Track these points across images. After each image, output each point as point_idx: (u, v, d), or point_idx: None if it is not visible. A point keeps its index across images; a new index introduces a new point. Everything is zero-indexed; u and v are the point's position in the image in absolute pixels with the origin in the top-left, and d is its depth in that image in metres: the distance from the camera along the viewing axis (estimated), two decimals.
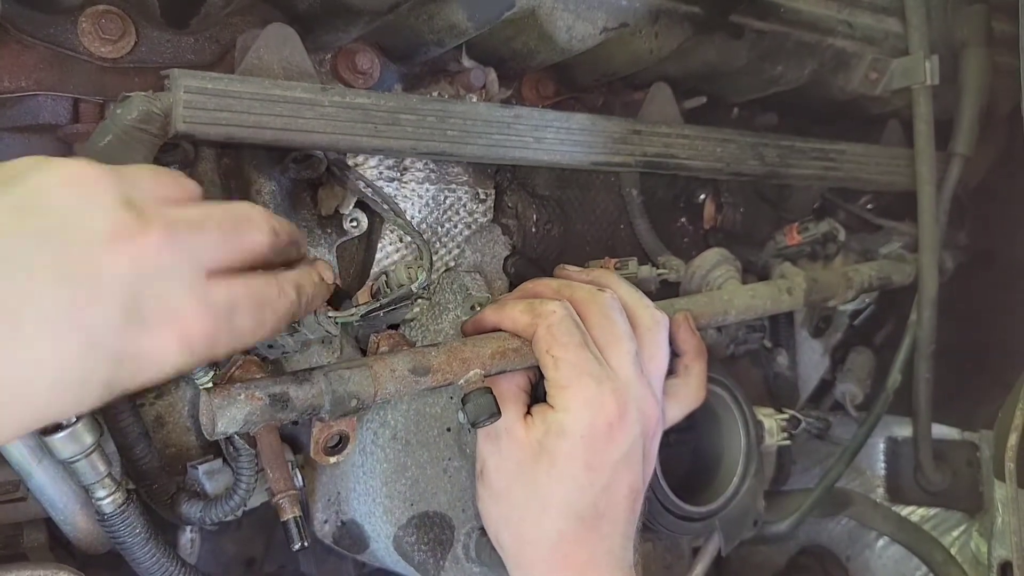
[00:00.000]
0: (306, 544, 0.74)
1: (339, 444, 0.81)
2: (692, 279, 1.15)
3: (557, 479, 0.83)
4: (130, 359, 0.53)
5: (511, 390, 0.88)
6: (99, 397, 0.53)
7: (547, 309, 0.85)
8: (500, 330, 0.88)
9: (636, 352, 0.87)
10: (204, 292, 0.55)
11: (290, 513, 0.74)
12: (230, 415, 0.67)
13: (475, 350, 0.82)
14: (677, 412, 0.96)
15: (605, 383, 0.83)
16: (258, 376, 0.71)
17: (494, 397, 0.80)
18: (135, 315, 0.52)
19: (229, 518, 0.78)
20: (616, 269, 1.04)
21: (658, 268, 1.09)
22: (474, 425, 0.80)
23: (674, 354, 0.99)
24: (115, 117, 0.70)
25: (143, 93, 0.72)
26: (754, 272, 1.27)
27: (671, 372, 0.97)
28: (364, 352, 0.81)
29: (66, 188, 0.52)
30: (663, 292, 1.04)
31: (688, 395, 0.97)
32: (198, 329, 0.55)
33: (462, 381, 0.80)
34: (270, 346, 0.78)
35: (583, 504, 0.83)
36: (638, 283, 1.04)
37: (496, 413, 0.80)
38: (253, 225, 0.61)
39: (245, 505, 0.79)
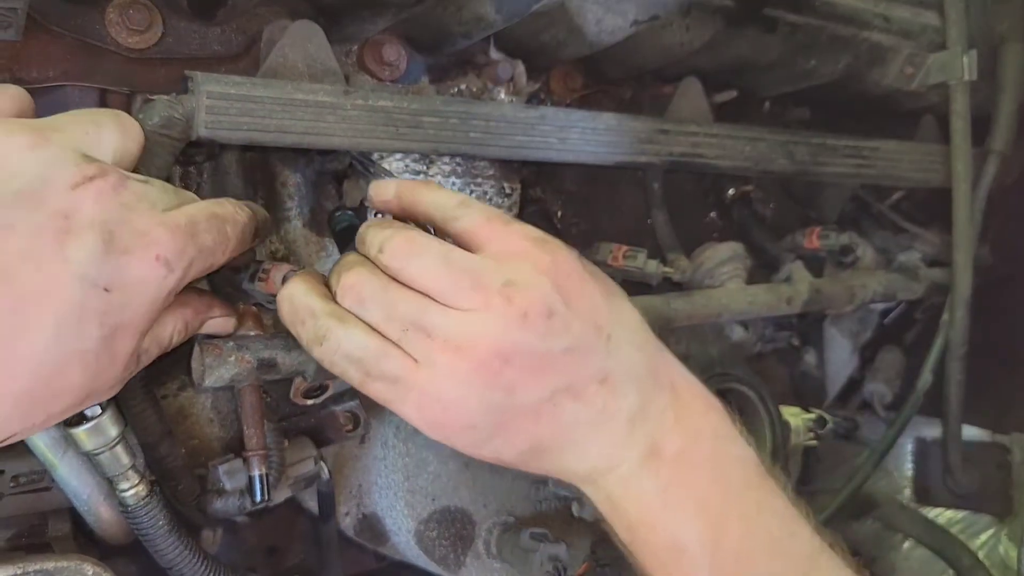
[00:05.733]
0: (267, 499, 0.78)
1: (319, 392, 0.86)
2: (699, 268, 1.14)
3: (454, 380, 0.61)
4: (118, 287, 0.57)
5: None
6: (102, 340, 0.57)
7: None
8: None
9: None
10: (165, 216, 0.61)
11: (256, 470, 0.79)
12: (218, 374, 0.73)
13: None
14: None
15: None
16: (252, 333, 0.77)
17: None
18: (112, 244, 0.57)
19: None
20: (625, 257, 1.04)
21: (665, 266, 1.08)
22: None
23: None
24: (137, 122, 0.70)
25: (166, 97, 0.72)
26: (765, 262, 1.25)
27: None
28: None
29: (28, 152, 0.56)
30: (662, 289, 1.02)
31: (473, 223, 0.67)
32: (170, 246, 0.60)
33: None
34: (269, 301, 0.80)
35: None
36: (641, 276, 1.03)
37: None
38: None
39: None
